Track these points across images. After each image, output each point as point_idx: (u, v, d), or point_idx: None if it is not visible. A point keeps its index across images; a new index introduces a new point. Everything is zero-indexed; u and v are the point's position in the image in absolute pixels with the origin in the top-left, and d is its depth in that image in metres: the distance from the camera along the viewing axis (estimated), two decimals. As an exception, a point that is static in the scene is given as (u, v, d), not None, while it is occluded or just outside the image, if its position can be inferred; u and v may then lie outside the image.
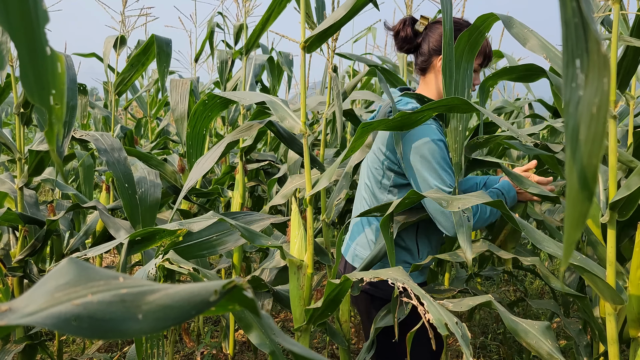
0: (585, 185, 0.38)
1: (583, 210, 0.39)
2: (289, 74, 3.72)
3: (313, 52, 1.47)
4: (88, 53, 3.85)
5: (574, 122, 0.38)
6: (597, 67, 0.38)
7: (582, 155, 0.38)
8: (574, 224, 0.39)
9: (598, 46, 0.38)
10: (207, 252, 1.54)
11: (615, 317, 1.29)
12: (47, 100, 0.39)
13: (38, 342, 2.10)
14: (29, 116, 2.05)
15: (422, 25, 1.70)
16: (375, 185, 1.73)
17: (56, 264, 1.38)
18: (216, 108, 1.69)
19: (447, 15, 1.30)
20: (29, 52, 0.37)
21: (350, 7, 1.27)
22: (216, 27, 3.24)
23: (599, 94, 0.37)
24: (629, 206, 1.24)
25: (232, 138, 1.60)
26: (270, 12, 2.05)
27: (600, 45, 0.38)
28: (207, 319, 3.58)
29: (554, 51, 1.31)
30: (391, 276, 1.24)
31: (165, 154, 3.59)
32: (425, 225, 1.70)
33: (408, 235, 1.71)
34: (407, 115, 1.30)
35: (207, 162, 1.52)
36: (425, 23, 1.71)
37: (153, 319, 0.35)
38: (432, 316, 1.09)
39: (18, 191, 2.11)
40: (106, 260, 4.64)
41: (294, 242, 1.46)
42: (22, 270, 2.11)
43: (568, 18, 0.40)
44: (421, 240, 1.71)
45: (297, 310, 1.44)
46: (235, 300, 0.41)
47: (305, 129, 1.41)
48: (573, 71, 0.39)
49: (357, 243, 1.79)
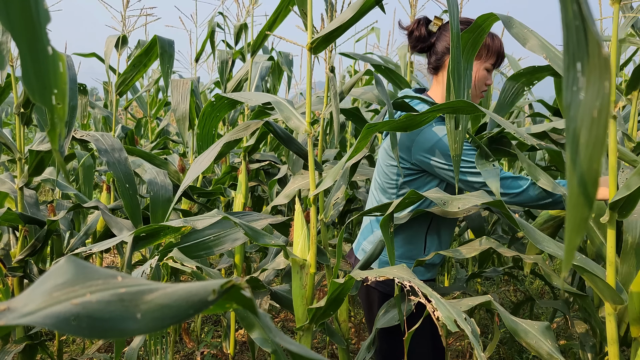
0: (585, 189, 0.38)
1: (584, 215, 0.38)
2: (288, 74, 3.72)
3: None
4: (88, 53, 3.86)
5: (575, 125, 0.38)
6: (597, 70, 0.38)
7: (582, 159, 0.38)
8: (575, 228, 0.38)
9: (599, 49, 0.38)
10: (205, 252, 1.54)
11: (615, 317, 1.29)
12: (49, 100, 0.39)
13: (38, 342, 2.10)
14: (29, 116, 2.05)
15: (435, 25, 1.74)
16: (385, 183, 1.76)
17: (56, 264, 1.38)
18: (224, 108, 1.72)
19: (454, 17, 1.30)
20: (30, 51, 0.37)
21: (358, 9, 1.27)
22: (217, 27, 3.24)
23: (600, 97, 0.37)
24: (628, 206, 1.24)
25: (229, 138, 1.60)
26: (277, 15, 2.06)
27: (601, 48, 0.38)
28: (207, 319, 3.58)
29: (554, 51, 1.31)
30: (397, 274, 1.24)
31: (165, 154, 3.59)
32: (438, 223, 1.73)
33: (418, 231, 1.73)
34: (412, 117, 1.30)
35: (204, 161, 1.53)
36: (439, 24, 1.74)
37: (151, 318, 0.35)
38: (441, 314, 1.09)
39: (18, 191, 2.11)
40: (106, 260, 4.64)
41: (297, 242, 1.46)
42: (22, 270, 2.11)
43: (569, 21, 0.40)
44: (430, 236, 1.73)
45: (300, 310, 1.44)
46: (233, 299, 0.41)
47: (310, 129, 1.42)
48: (574, 74, 0.39)
49: (366, 239, 1.83)
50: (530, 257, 1.55)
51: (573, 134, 0.38)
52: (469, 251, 1.51)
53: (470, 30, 1.40)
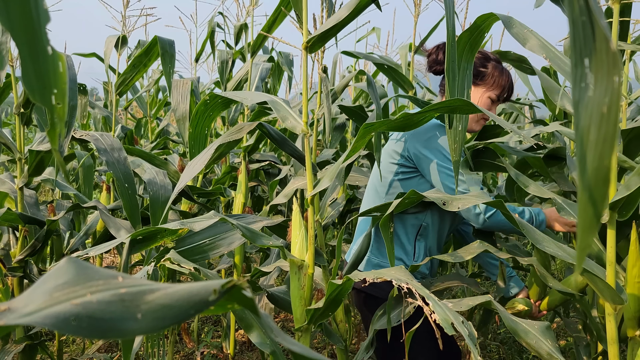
0: (597, 187, 0.37)
1: (596, 213, 0.38)
2: (289, 74, 3.72)
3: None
4: (88, 53, 3.85)
5: (584, 122, 0.37)
6: (606, 65, 0.37)
7: (592, 156, 0.37)
8: (586, 227, 0.38)
9: (607, 44, 0.37)
10: (200, 257, 1.53)
11: (615, 317, 1.29)
12: (49, 100, 0.39)
13: (38, 342, 2.10)
14: (29, 116, 2.05)
15: None
16: (380, 184, 1.78)
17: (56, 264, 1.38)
18: (217, 108, 1.70)
19: (450, 17, 1.30)
20: (30, 51, 0.37)
21: (353, 8, 1.27)
22: (217, 27, 3.24)
23: (609, 94, 0.36)
24: (628, 206, 1.24)
25: (223, 140, 1.59)
26: (276, 16, 2.06)
27: (609, 43, 0.37)
28: (207, 319, 3.58)
29: (554, 51, 1.31)
30: (394, 276, 1.24)
31: (165, 154, 3.59)
32: (427, 229, 1.72)
33: (408, 236, 1.72)
34: (409, 116, 1.30)
35: (198, 164, 1.50)
36: None
37: (152, 319, 0.35)
38: (438, 316, 1.09)
39: (18, 191, 2.11)
40: (106, 260, 4.64)
41: (295, 242, 1.46)
42: (22, 270, 2.11)
43: (575, 16, 0.39)
44: (419, 242, 1.73)
45: (298, 311, 1.44)
46: (234, 299, 0.41)
47: (307, 128, 1.41)
48: (582, 71, 0.38)
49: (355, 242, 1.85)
50: (525, 259, 1.56)
51: (582, 132, 0.37)
52: (464, 254, 1.51)
53: (470, 30, 1.39)
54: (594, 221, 0.38)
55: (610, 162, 0.37)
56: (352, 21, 1.35)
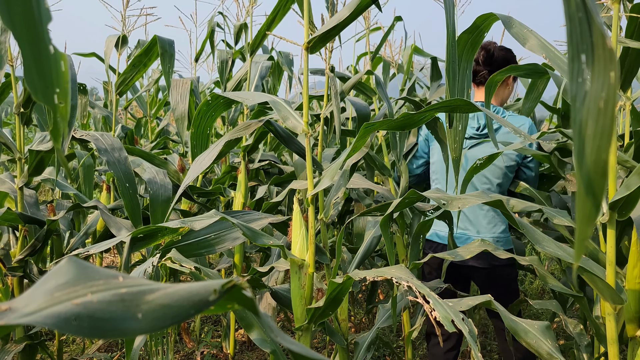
0: (595, 180, 0.38)
1: (594, 206, 0.38)
2: (289, 74, 3.72)
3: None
4: (88, 53, 3.85)
5: (581, 117, 0.38)
6: (602, 61, 0.37)
7: (590, 150, 0.37)
8: (585, 220, 0.38)
9: (603, 40, 0.38)
10: (206, 250, 1.54)
11: (615, 317, 1.29)
12: (51, 99, 0.39)
13: (38, 342, 2.10)
14: (29, 116, 2.05)
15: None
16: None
17: (56, 264, 1.38)
18: (219, 108, 1.71)
19: (450, 16, 1.30)
20: (32, 50, 0.37)
21: (354, 8, 1.27)
22: (216, 27, 3.24)
23: (606, 88, 0.37)
24: (628, 206, 1.24)
25: (231, 137, 1.60)
26: (275, 14, 2.05)
27: (605, 39, 0.38)
28: (207, 319, 3.58)
29: (554, 51, 1.31)
30: (395, 274, 1.24)
31: (165, 153, 3.59)
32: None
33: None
34: (409, 115, 1.30)
35: (206, 159, 1.52)
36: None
37: (152, 318, 0.35)
38: (438, 314, 1.09)
39: (18, 191, 2.11)
40: (106, 260, 4.64)
41: (295, 242, 1.46)
42: (22, 270, 2.11)
43: (572, 12, 0.39)
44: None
45: (299, 310, 1.44)
46: (234, 299, 0.41)
47: (308, 128, 1.41)
48: (579, 66, 0.39)
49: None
50: (526, 259, 1.56)
51: (580, 126, 0.38)
52: (465, 253, 1.51)
53: (469, 30, 1.40)
54: (593, 213, 0.38)
55: (608, 155, 0.37)
56: (353, 21, 1.35)
